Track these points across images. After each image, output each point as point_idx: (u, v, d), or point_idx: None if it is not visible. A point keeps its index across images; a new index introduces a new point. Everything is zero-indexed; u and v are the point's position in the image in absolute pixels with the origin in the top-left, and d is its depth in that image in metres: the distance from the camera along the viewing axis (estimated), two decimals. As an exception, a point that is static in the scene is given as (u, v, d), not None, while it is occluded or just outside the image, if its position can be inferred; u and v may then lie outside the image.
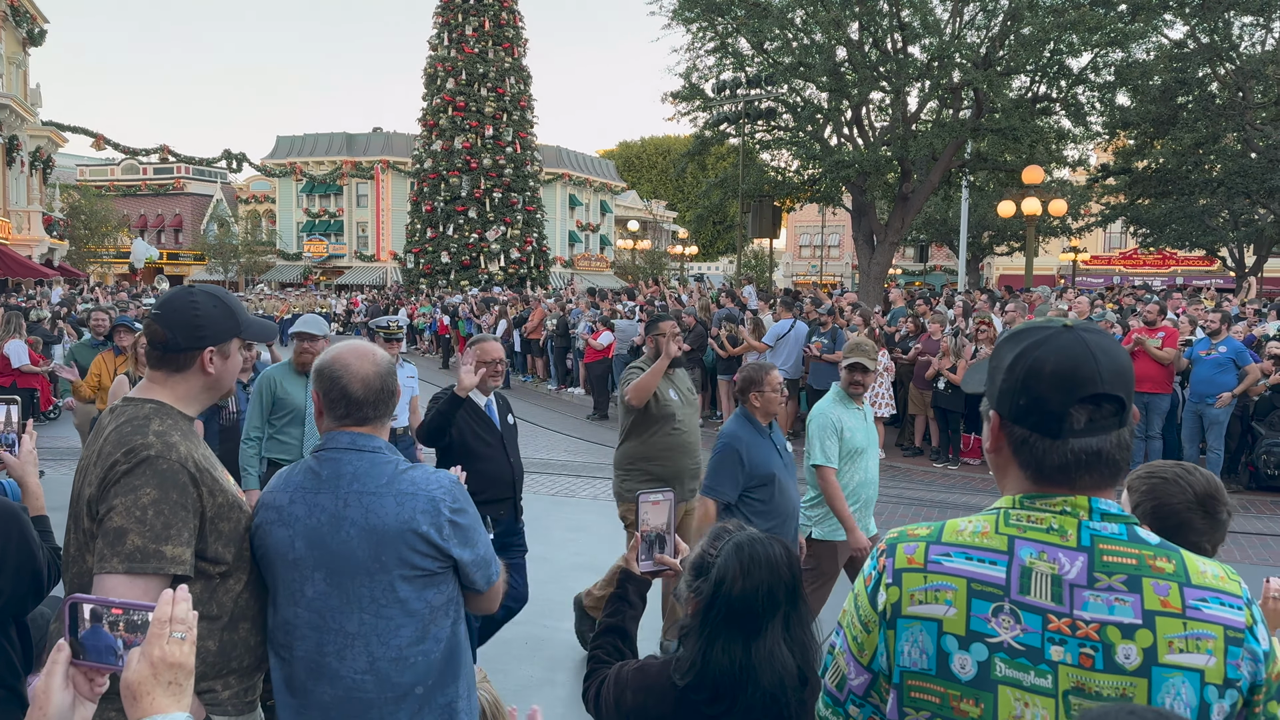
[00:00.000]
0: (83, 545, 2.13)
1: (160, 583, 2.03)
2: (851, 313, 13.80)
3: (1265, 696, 1.39)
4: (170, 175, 55.46)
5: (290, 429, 5.59)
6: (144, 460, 2.06)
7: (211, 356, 2.27)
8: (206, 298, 2.31)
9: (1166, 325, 10.58)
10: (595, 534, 7.95)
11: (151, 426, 2.13)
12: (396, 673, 2.22)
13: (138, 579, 2.01)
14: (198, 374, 2.27)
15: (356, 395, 2.27)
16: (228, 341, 2.31)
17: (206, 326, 2.25)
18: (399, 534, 2.19)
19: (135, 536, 2.01)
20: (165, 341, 2.23)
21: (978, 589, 1.42)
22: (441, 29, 36.96)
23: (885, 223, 21.56)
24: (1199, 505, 2.23)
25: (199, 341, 2.25)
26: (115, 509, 2.03)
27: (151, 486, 2.05)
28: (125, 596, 1.46)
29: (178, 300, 2.29)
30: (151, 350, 2.26)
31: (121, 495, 2.04)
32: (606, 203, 57.51)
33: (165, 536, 2.04)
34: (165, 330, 2.23)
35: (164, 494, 2.05)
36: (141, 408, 2.19)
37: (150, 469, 2.06)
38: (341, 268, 50.81)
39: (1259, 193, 22.53)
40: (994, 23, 19.47)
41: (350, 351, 2.32)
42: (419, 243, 36.76)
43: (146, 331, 2.29)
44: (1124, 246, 43.52)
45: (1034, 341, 1.46)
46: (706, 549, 2.19)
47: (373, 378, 2.29)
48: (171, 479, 2.07)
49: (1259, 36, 22.65)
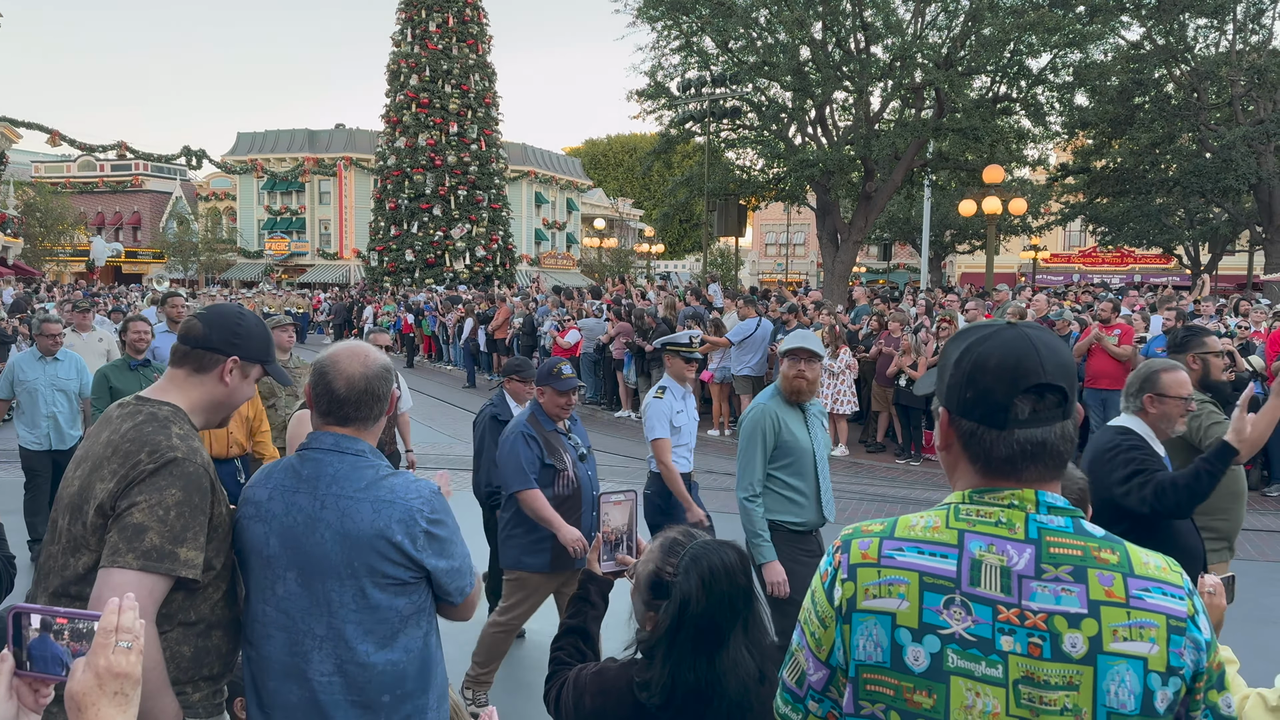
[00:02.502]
0: (77, 541, 2.11)
1: (168, 584, 2.07)
2: (815, 311, 13.92)
3: (1206, 685, 1.43)
4: (128, 172, 54.52)
5: None
6: (171, 461, 2.08)
7: (233, 368, 2.30)
8: (254, 318, 2.40)
9: (1121, 322, 10.77)
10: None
11: (174, 429, 2.15)
12: (364, 679, 2.21)
13: (148, 577, 2.02)
14: (214, 381, 2.30)
15: (339, 394, 2.27)
16: (252, 364, 2.35)
17: (243, 338, 2.32)
18: (372, 540, 2.18)
19: (155, 535, 2.03)
20: (200, 336, 2.27)
21: (929, 582, 1.45)
22: (405, 25, 36.73)
23: (849, 221, 21.74)
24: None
25: (231, 348, 2.29)
26: (138, 505, 2.05)
27: (177, 488, 2.07)
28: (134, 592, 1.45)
29: (228, 308, 2.39)
30: (182, 344, 2.29)
31: (146, 493, 2.05)
32: (573, 200, 57.38)
33: (182, 539, 2.06)
34: (204, 326, 2.28)
35: (187, 496, 2.08)
36: (160, 409, 2.20)
37: (178, 470, 2.08)
38: (304, 266, 50.27)
39: (1213, 192, 23.00)
40: (955, 23, 19.70)
41: (344, 350, 2.33)
42: (383, 240, 36.50)
43: (185, 326, 2.32)
44: (1083, 244, 44.22)
45: (979, 337, 1.51)
46: (662, 565, 2.17)
47: (358, 378, 2.28)
48: (196, 483, 2.10)
49: (1213, 39, 23.14)
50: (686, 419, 5.78)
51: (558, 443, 4.82)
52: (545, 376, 4.88)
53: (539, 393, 4.92)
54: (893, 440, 12.34)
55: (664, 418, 5.61)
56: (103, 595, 1.94)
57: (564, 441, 4.87)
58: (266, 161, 50.68)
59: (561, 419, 4.91)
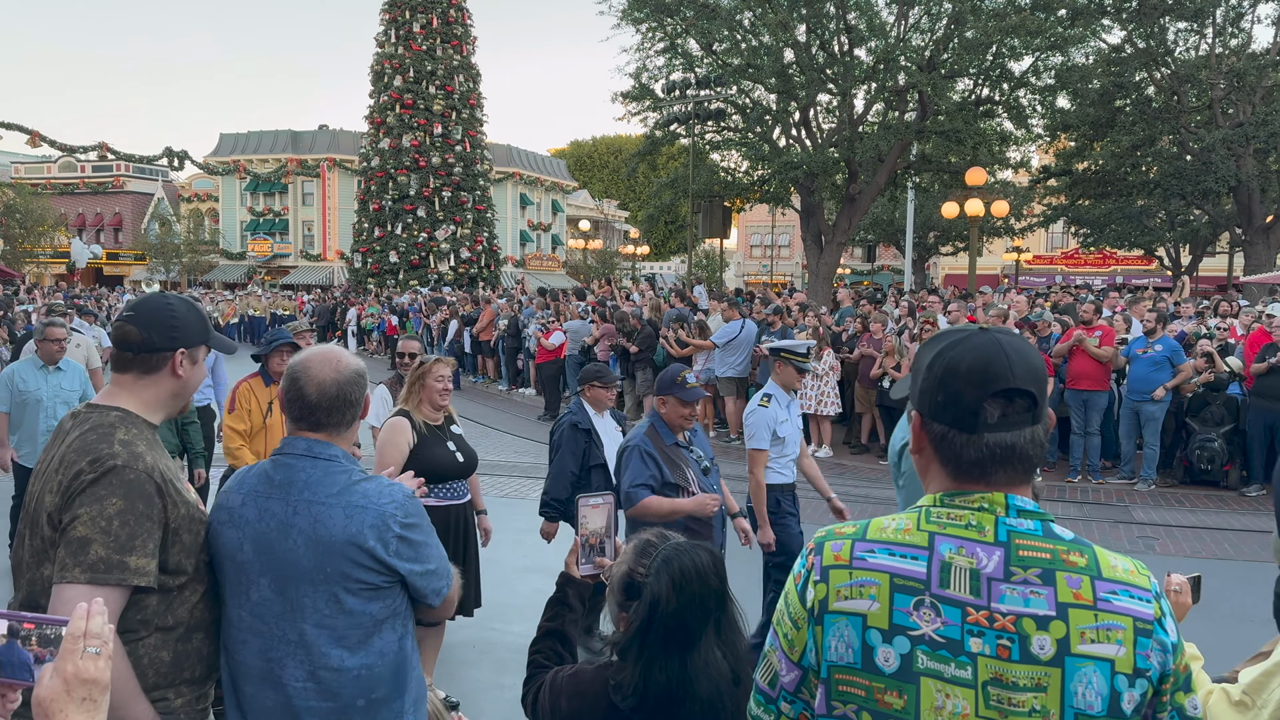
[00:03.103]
0: (40, 553, 2.09)
1: (122, 594, 2.03)
2: (800, 313, 13.95)
3: (1173, 687, 1.45)
4: (109, 173, 54.09)
5: None
6: (111, 470, 2.04)
7: (183, 359, 2.27)
8: (181, 302, 2.34)
9: (1103, 324, 10.85)
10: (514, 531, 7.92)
11: (117, 435, 2.11)
12: (338, 683, 2.21)
13: (99, 589, 1.98)
14: (168, 377, 2.26)
15: (311, 400, 2.26)
16: (198, 347, 2.32)
17: (181, 328, 2.27)
18: (344, 546, 2.18)
19: (99, 547, 1.99)
20: (140, 341, 2.22)
21: (900, 584, 1.47)
22: (389, 26, 36.59)
23: (833, 223, 21.80)
24: None
25: (173, 342, 2.25)
26: (80, 518, 2.01)
27: (118, 496, 2.03)
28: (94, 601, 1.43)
29: (153, 302, 2.30)
30: (122, 352, 2.24)
31: (87, 505, 2.01)
32: (558, 202, 57.32)
33: (130, 547, 2.02)
34: (140, 330, 2.23)
35: (130, 504, 2.04)
36: (106, 415, 2.17)
37: (117, 478, 2.04)
38: (287, 267, 50.02)
39: (1193, 194, 23.18)
40: (938, 26, 19.78)
41: (317, 355, 2.31)
42: (366, 242, 36.34)
43: (117, 333, 2.26)
44: (1065, 246, 44.50)
45: (951, 342, 1.53)
46: (634, 567, 2.18)
47: (329, 384, 2.26)
48: (138, 489, 2.05)
49: (1193, 42, 23.30)
50: (791, 428, 5.50)
51: (679, 458, 4.55)
52: (668, 385, 4.56)
53: (659, 403, 4.62)
54: (876, 442, 12.38)
55: (767, 427, 5.35)
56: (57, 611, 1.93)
57: (686, 456, 4.60)
58: (249, 162, 50.39)
59: (683, 430, 4.64)
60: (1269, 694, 2.00)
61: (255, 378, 5.95)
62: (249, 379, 5.96)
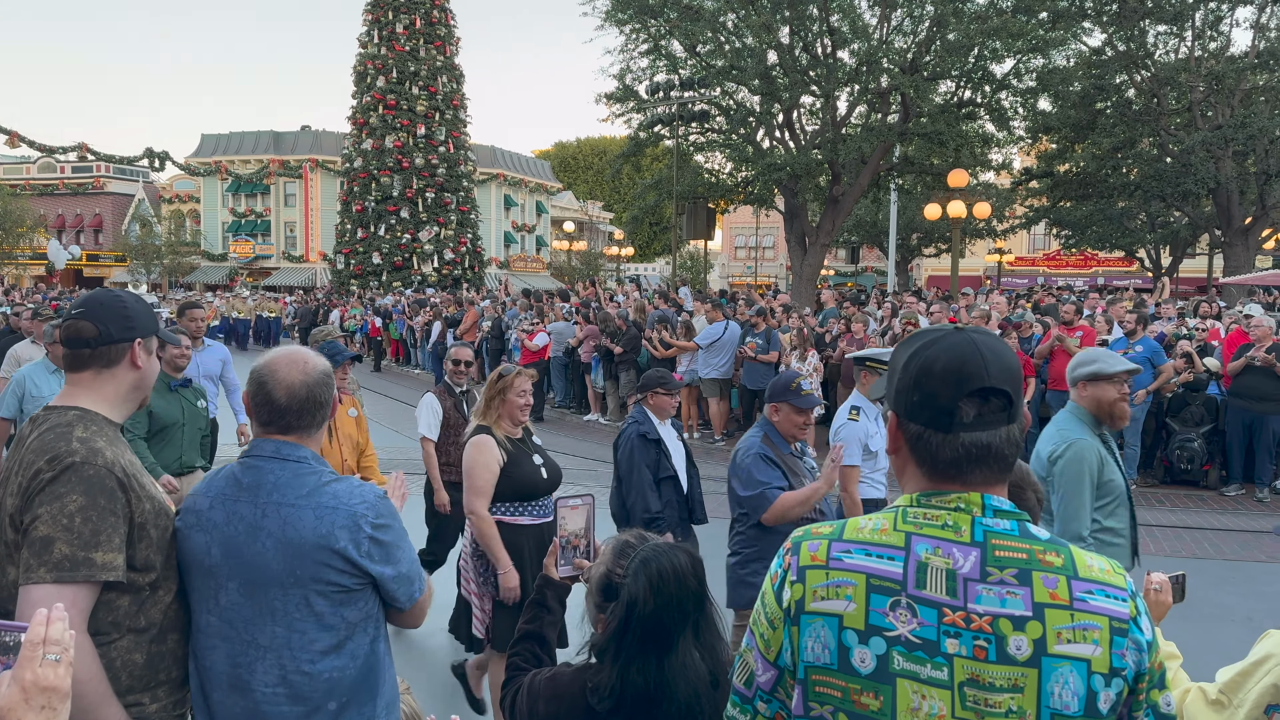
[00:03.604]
0: (3, 559, 2.06)
1: (90, 591, 2.00)
2: (784, 314, 13.97)
3: (1148, 685, 1.44)
4: (89, 174, 53.74)
5: None
6: (69, 467, 2.01)
7: (140, 349, 2.26)
8: (128, 294, 2.32)
9: (1084, 325, 10.90)
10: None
11: (75, 433, 2.08)
12: (309, 688, 2.18)
13: (66, 588, 1.96)
14: (127, 369, 2.24)
15: (280, 403, 2.23)
16: (151, 337, 2.30)
17: (135, 318, 2.25)
18: (315, 549, 2.15)
19: (63, 545, 1.97)
20: (96, 335, 2.19)
21: (876, 584, 1.46)
22: (371, 26, 36.49)
23: (817, 225, 21.86)
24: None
25: (129, 332, 2.23)
26: (40, 518, 1.98)
27: (78, 493, 2.00)
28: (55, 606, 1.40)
29: (102, 295, 2.28)
30: (78, 350, 2.21)
31: (47, 504, 1.99)
32: (542, 203, 57.29)
33: (94, 543, 1.99)
34: (96, 324, 2.20)
35: (91, 500, 2.00)
36: (65, 415, 2.14)
37: (76, 475, 2.01)
38: (269, 269, 49.79)
39: (1173, 196, 23.36)
40: (920, 28, 19.87)
41: (283, 357, 2.29)
42: (349, 243, 36.20)
43: (70, 331, 2.22)
44: (1047, 248, 44.78)
45: (926, 342, 1.53)
46: (612, 568, 2.18)
47: (298, 386, 2.24)
48: (99, 485, 2.02)
49: (1172, 45, 23.50)
50: (881, 441, 5.31)
51: (796, 466, 4.41)
52: (782, 392, 4.34)
53: (772, 410, 4.41)
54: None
55: (858, 442, 5.14)
56: (24, 614, 1.90)
57: (801, 465, 4.47)
58: (231, 163, 50.18)
59: (797, 440, 4.44)
60: (1245, 693, 2.00)
61: None
62: None
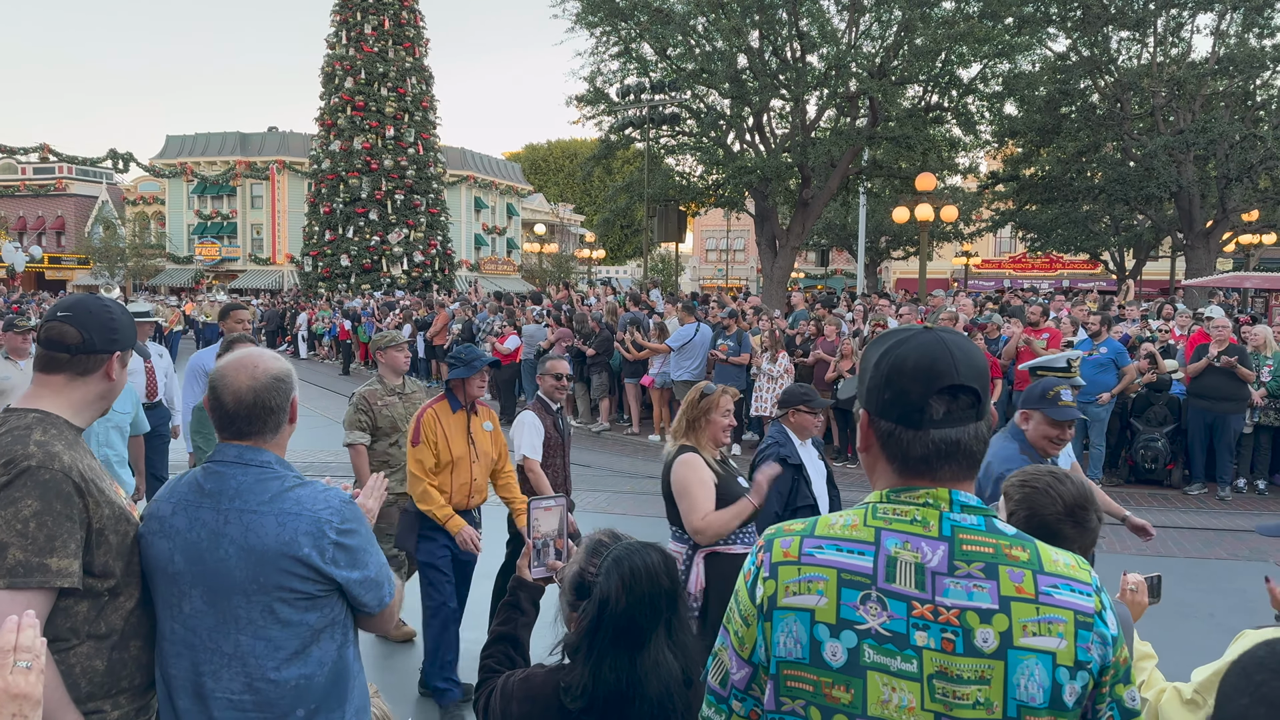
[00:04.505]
0: None
1: (46, 597, 1.96)
2: (754, 316, 14.03)
3: (1113, 679, 1.47)
4: (51, 175, 52.92)
5: None
6: (24, 471, 1.98)
7: (118, 362, 2.24)
8: (116, 305, 2.30)
9: (1049, 327, 11.04)
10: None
11: (33, 436, 2.05)
12: (275, 696, 2.15)
13: (20, 594, 1.92)
14: (100, 380, 2.22)
15: (228, 409, 2.20)
16: (128, 350, 2.28)
17: (120, 331, 2.24)
18: (278, 555, 2.12)
19: (17, 550, 1.93)
20: (79, 343, 2.17)
21: (847, 578, 1.48)
22: (340, 27, 36.18)
23: (787, 228, 21.99)
24: (1068, 515, 2.34)
25: (112, 345, 2.21)
26: None
27: (33, 498, 1.96)
28: (7, 613, 1.38)
29: (90, 303, 2.25)
30: (55, 353, 2.18)
31: (1, 508, 1.95)
32: (513, 206, 57.10)
33: (50, 549, 1.96)
34: (80, 331, 2.17)
35: (47, 505, 1.97)
36: (24, 417, 2.10)
37: (31, 480, 1.97)
38: (235, 271, 49.26)
39: (1136, 199, 23.73)
40: (888, 33, 20.06)
41: (235, 362, 2.25)
42: (317, 245, 35.85)
43: (52, 333, 2.19)
44: (1013, 251, 45.28)
45: (896, 341, 1.56)
46: (585, 566, 2.18)
47: (245, 391, 2.20)
48: (54, 489, 1.99)
49: (1135, 51, 23.89)
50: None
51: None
52: (1037, 399, 3.91)
53: (1022, 417, 4.01)
54: (829, 443, 12.48)
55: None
56: None
57: None
58: (196, 165, 49.60)
59: (1050, 455, 3.97)
60: None
61: (441, 403, 5.01)
62: (433, 405, 5.01)
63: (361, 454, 5.75)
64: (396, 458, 5.80)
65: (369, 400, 5.83)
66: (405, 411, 5.87)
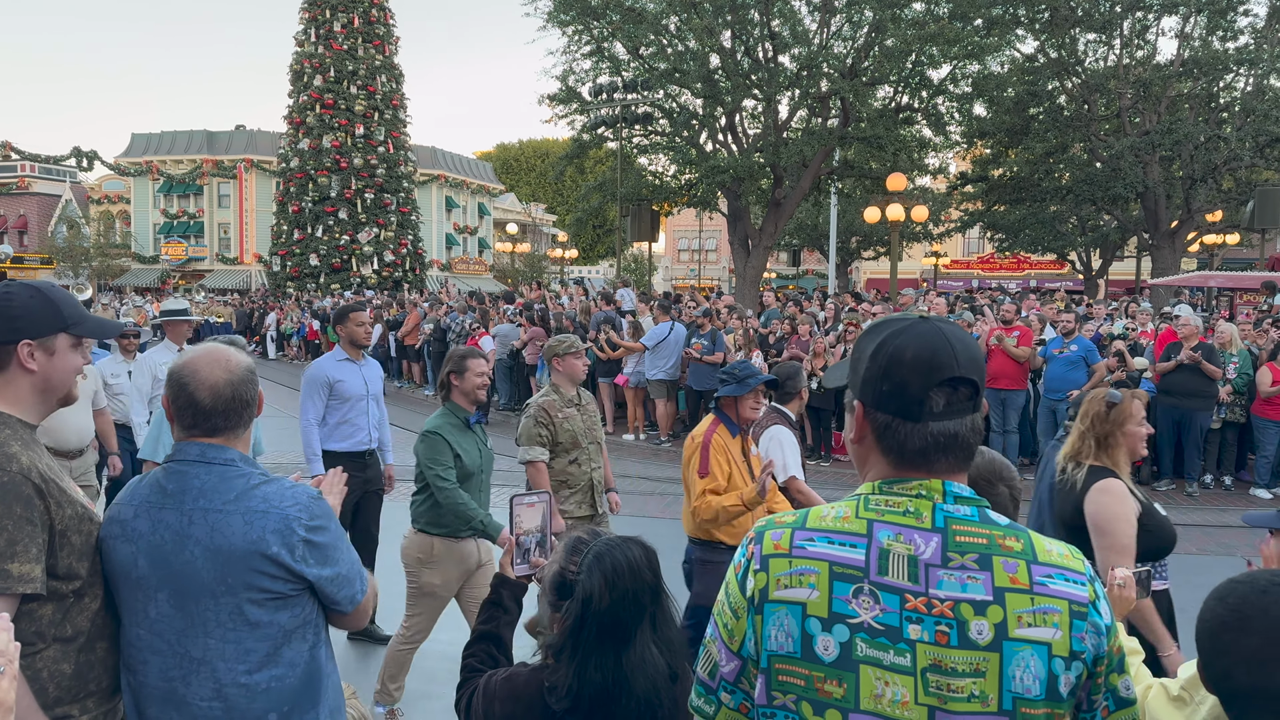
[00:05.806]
0: None
1: (8, 603, 1.90)
2: (728, 315, 14.05)
3: (1107, 668, 1.46)
4: (14, 173, 51.99)
5: None
6: None
7: (32, 352, 2.12)
8: (23, 289, 2.16)
9: (1020, 325, 11.15)
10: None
11: None
12: (246, 699, 2.10)
13: None
14: (19, 373, 2.11)
15: (204, 404, 2.14)
16: (50, 336, 2.15)
17: (22, 318, 2.10)
18: (246, 555, 2.06)
19: None
20: None
21: (839, 571, 1.46)
22: (309, 25, 35.84)
23: (759, 228, 22.06)
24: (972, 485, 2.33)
25: (14, 334, 2.09)
26: None
27: None
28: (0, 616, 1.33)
29: None
30: None
31: None
32: (485, 205, 56.84)
33: (10, 554, 1.89)
34: None
35: (6, 509, 1.91)
36: None
37: None
38: (202, 271, 48.64)
39: (1103, 200, 24.04)
40: (859, 34, 20.18)
41: (203, 356, 2.18)
42: (285, 245, 35.49)
43: None
44: (982, 251, 45.70)
45: (894, 331, 1.52)
46: (566, 565, 2.14)
47: (223, 386, 2.15)
48: (13, 491, 1.93)
49: (1101, 53, 24.20)
50: None
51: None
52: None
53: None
54: (803, 441, 12.51)
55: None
56: None
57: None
58: (163, 163, 48.97)
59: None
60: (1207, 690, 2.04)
61: (720, 428, 4.53)
62: (714, 431, 4.51)
63: (542, 471, 5.14)
64: (576, 477, 5.25)
65: (548, 412, 5.18)
66: (585, 425, 5.31)
